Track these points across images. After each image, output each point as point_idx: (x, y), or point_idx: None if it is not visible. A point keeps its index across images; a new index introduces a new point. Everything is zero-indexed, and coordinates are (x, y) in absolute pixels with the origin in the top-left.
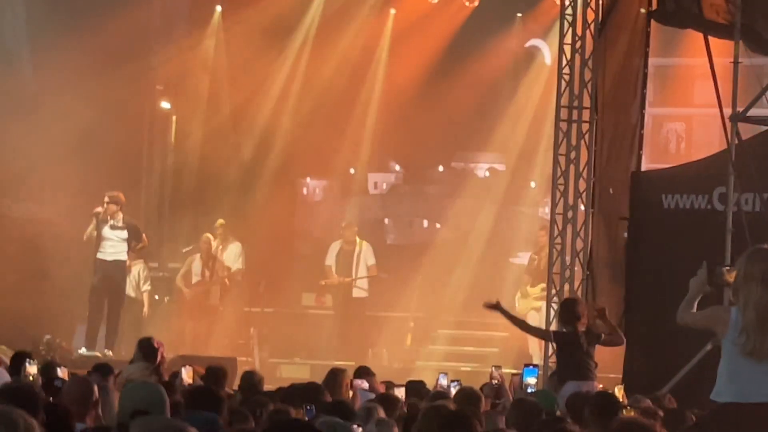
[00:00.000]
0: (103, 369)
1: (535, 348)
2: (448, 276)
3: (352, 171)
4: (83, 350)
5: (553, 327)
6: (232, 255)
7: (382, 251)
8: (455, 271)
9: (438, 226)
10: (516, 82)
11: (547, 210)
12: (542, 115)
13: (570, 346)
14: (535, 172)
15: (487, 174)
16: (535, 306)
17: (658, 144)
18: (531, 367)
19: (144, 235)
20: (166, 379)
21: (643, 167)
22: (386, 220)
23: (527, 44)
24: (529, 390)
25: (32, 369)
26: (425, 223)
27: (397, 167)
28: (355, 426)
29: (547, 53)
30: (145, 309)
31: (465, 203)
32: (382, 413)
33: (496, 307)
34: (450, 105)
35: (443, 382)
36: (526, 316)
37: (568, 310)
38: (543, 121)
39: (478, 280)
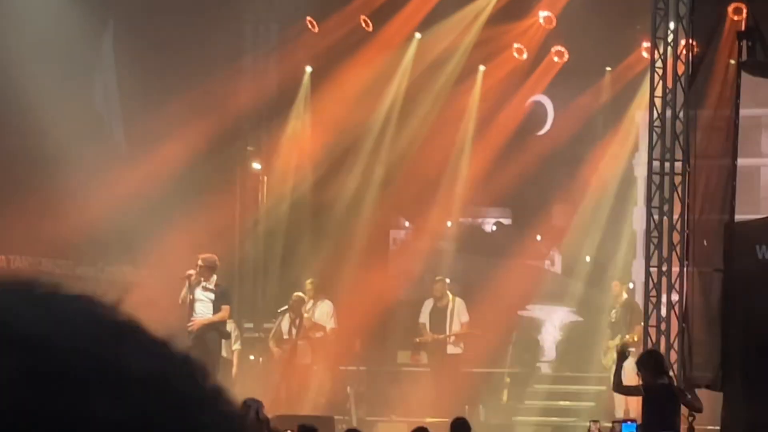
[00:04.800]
0: None
1: (621, 402)
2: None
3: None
4: None
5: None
6: (324, 314)
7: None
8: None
9: (448, 281)
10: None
11: (547, 262)
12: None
13: (662, 398)
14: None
15: (494, 228)
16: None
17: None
18: (629, 422)
19: (228, 307)
20: None
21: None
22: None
23: (530, 100)
24: None
25: None
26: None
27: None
28: None
29: (550, 107)
30: (234, 369)
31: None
32: None
33: (624, 355)
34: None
35: None
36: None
37: (658, 362)
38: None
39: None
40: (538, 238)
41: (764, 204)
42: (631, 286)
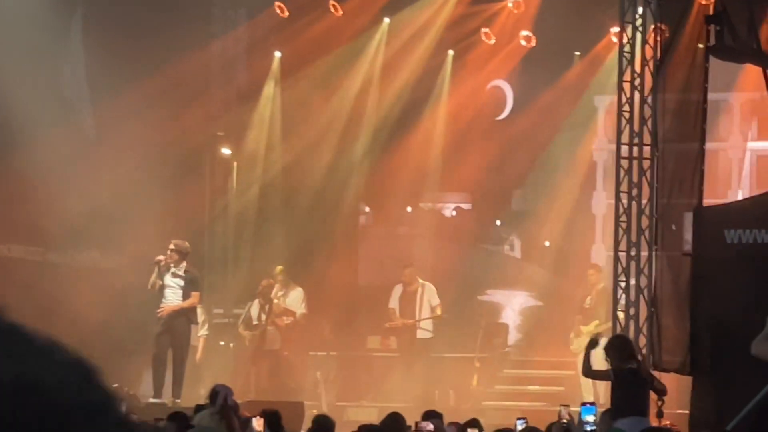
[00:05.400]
0: (178, 418)
1: (589, 386)
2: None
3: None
4: (151, 399)
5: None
6: (295, 300)
7: None
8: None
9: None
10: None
11: (506, 247)
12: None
13: (631, 382)
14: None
15: (454, 213)
16: None
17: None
18: (588, 405)
19: (198, 293)
20: (236, 425)
21: (715, 202)
22: None
23: (490, 85)
24: (587, 428)
25: None
26: None
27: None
28: None
29: (510, 93)
30: (199, 354)
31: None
32: None
33: (594, 343)
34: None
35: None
36: (579, 354)
37: (626, 346)
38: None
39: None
40: (498, 223)
41: (722, 188)
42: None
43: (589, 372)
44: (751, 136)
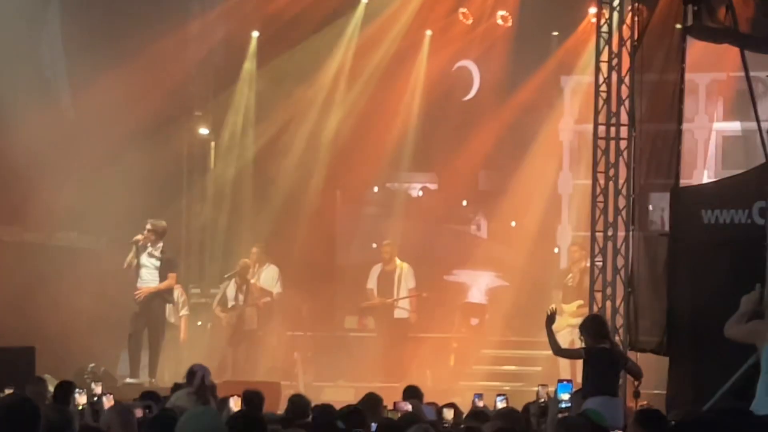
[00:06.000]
0: (151, 397)
1: (566, 366)
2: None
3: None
4: (128, 379)
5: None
6: (269, 279)
7: None
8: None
9: (374, 246)
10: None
11: (473, 227)
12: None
13: (602, 362)
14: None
15: (421, 193)
16: (570, 323)
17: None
18: (565, 382)
19: (175, 275)
20: (213, 405)
21: (682, 183)
22: None
23: (456, 66)
24: (562, 405)
25: (81, 399)
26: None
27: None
28: None
29: (476, 73)
30: (182, 334)
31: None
32: None
33: (552, 319)
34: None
35: (479, 403)
36: (560, 333)
37: (600, 326)
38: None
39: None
40: (464, 203)
41: (688, 169)
42: (556, 251)
43: (559, 350)
44: (717, 117)
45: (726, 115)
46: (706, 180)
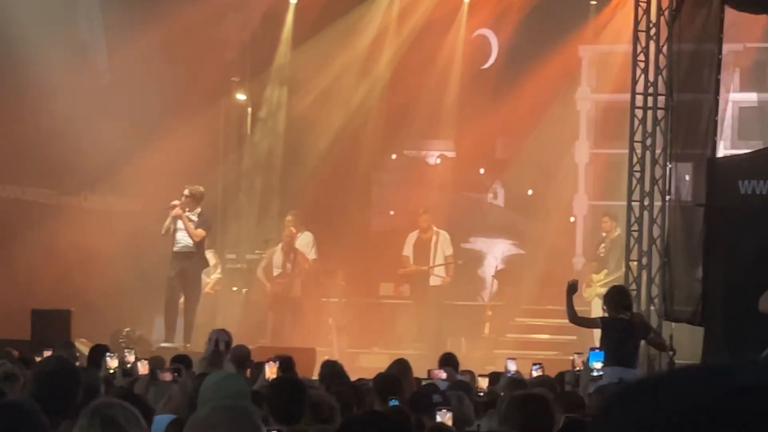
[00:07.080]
0: (182, 360)
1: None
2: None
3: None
4: (163, 343)
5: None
6: (304, 245)
7: None
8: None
9: (392, 213)
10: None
11: (490, 195)
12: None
13: (619, 333)
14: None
15: (438, 161)
16: (599, 293)
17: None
18: (597, 351)
19: (204, 232)
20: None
21: (720, 153)
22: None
23: (475, 34)
24: (594, 374)
25: (113, 363)
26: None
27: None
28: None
29: (495, 41)
30: (207, 288)
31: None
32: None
33: (573, 288)
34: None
35: (512, 367)
36: (591, 303)
37: (623, 297)
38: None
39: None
40: (482, 171)
41: (703, 140)
42: (572, 219)
43: (575, 318)
44: (733, 88)
45: (743, 86)
46: (722, 151)
